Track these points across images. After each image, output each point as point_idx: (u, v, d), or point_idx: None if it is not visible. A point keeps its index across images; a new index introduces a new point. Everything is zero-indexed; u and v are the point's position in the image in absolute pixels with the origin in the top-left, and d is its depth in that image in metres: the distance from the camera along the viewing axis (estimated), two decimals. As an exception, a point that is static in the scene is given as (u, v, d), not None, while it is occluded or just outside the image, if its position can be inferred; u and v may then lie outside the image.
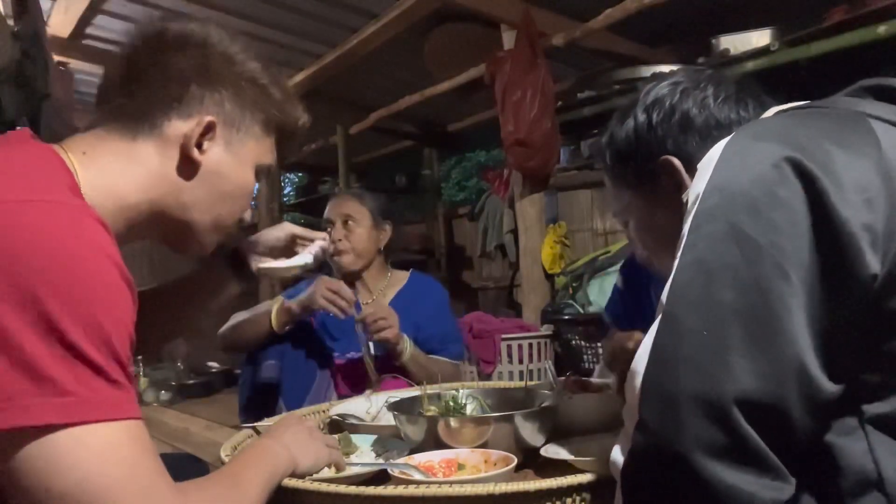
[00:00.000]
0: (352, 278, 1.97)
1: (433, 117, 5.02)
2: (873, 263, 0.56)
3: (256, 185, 0.90)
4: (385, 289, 1.96)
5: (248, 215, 0.91)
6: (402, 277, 2.01)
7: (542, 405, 1.05)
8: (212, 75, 0.81)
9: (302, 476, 0.83)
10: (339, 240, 1.92)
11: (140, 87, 0.79)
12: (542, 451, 0.95)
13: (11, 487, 0.57)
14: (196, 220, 0.84)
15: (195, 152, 0.80)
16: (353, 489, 0.76)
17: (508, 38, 3.25)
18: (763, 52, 2.47)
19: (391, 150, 5.82)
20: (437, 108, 4.59)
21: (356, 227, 1.93)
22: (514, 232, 3.92)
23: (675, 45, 3.53)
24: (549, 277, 3.47)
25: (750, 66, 2.49)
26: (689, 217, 0.63)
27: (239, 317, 1.81)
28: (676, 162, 0.82)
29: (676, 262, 0.61)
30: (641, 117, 0.85)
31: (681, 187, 0.81)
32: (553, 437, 1.00)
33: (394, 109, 4.36)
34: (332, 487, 0.76)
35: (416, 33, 3.47)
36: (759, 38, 2.57)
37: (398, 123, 4.98)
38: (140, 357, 3.23)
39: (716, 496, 0.53)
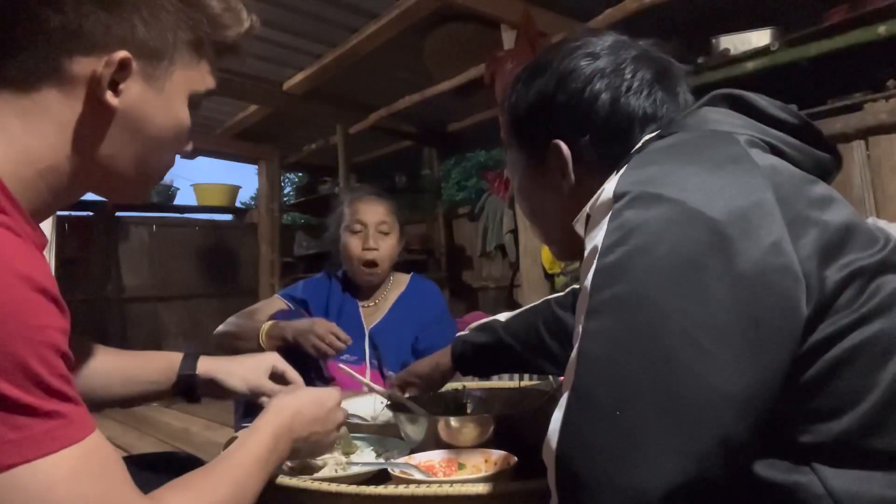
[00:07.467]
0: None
1: (433, 117, 5.02)
2: (802, 306, 0.52)
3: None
4: (387, 292, 1.90)
5: (188, 147, 0.77)
6: (403, 280, 1.94)
7: (542, 405, 1.05)
8: None
9: (303, 460, 0.82)
10: (376, 249, 1.79)
11: (30, 16, 0.63)
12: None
13: None
14: (123, 172, 0.70)
15: (109, 96, 0.65)
16: (353, 489, 0.75)
17: (508, 38, 3.25)
18: (763, 52, 2.47)
19: (391, 150, 5.81)
20: (437, 108, 4.59)
21: (389, 237, 1.83)
22: (514, 232, 3.92)
23: (675, 45, 3.53)
24: (549, 277, 3.47)
25: (750, 66, 2.49)
26: (589, 272, 0.57)
27: (234, 321, 1.73)
28: (565, 150, 0.77)
29: (581, 326, 0.56)
30: (550, 84, 0.79)
31: (565, 175, 0.77)
32: (553, 436, 1.00)
33: (394, 109, 4.36)
34: (333, 487, 0.76)
35: (416, 33, 3.46)
36: (759, 38, 2.57)
37: (398, 123, 4.98)
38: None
39: None
